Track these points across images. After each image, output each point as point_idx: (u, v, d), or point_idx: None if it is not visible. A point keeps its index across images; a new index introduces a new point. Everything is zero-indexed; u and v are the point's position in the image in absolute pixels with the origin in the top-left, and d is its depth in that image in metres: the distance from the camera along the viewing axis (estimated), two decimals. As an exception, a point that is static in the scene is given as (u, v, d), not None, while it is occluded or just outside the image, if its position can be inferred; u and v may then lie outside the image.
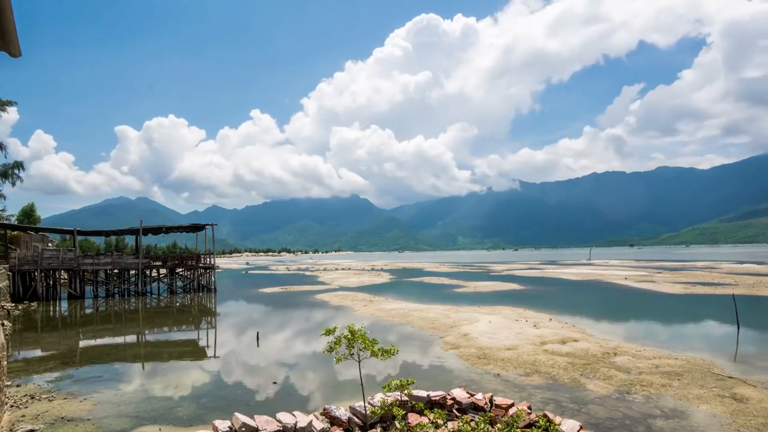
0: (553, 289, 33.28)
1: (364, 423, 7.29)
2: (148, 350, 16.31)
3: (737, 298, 19.71)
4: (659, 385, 10.14)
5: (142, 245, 37.72)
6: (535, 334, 15.63)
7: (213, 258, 37.80)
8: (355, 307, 24.49)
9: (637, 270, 52.64)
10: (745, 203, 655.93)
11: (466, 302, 25.57)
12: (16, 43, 3.97)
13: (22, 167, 45.25)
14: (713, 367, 11.55)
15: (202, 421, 8.55)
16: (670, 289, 30.76)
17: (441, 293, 32.16)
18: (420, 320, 19.46)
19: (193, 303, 30.71)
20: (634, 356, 12.67)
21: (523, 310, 21.68)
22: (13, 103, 42.67)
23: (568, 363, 12.07)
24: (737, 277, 38.87)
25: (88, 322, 23.23)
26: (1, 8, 3.54)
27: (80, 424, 8.48)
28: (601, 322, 19.03)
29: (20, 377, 11.92)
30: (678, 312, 22.62)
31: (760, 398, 9.26)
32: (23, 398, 9.89)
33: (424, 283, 42.31)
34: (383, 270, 66.11)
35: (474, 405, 8.01)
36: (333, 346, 6.85)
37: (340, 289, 35.11)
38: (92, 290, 36.23)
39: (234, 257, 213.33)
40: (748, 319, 18.12)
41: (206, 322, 22.96)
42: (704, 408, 8.82)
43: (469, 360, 12.78)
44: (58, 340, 17.69)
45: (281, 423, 6.99)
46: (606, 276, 43.99)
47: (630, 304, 25.51)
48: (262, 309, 26.68)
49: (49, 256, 32.37)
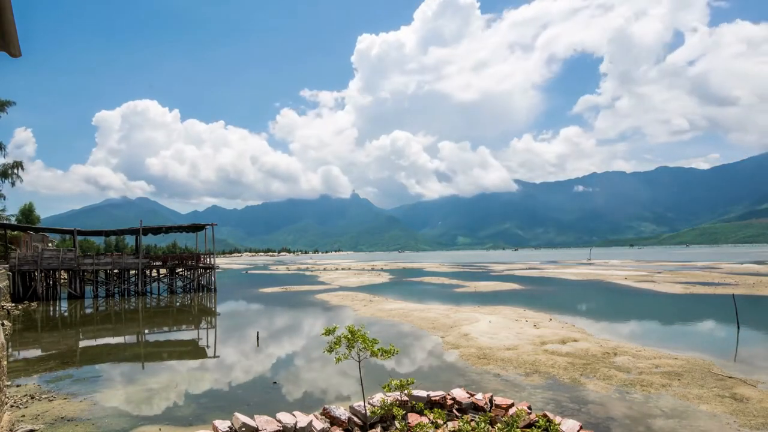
0: (553, 289, 33.28)
1: (364, 423, 7.29)
2: (148, 350, 16.31)
3: (737, 298, 19.70)
4: (659, 385, 10.14)
5: (142, 245, 37.72)
6: (535, 334, 15.63)
7: (213, 258, 37.81)
8: (355, 307, 24.49)
9: (637, 270, 52.66)
10: (745, 203, 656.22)
11: (466, 302, 25.58)
12: (16, 43, 3.98)
13: (21, 167, 45.26)
14: (713, 367, 11.55)
15: (202, 421, 8.55)
16: (670, 289, 30.76)
17: (441, 293, 32.16)
18: (420, 320, 19.46)
19: (193, 303, 30.70)
20: (634, 356, 12.67)
21: (523, 310, 21.68)
22: (12, 103, 42.68)
23: (568, 363, 12.07)
24: (737, 277, 38.89)
25: (88, 322, 23.23)
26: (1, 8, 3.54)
27: (80, 424, 8.48)
28: (601, 322, 19.04)
29: (20, 377, 11.92)
30: (678, 312, 22.61)
31: (760, 398, 9.27)
32: (23, 398, 9.89)
33: (424, 283, 42.31)
34: (383, 270, 66.14)
35: (474, 405, 8.01)
36: (333, 346, 6.85)
37: (340, 289, 35.11)
38: (92, 290, 36.21)
39: (234, 257, 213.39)
40: (748, 319, 18.12)
41: (206, 322, 22.96)
42: (704, 408, 8.82)
43: (469, 360, 12.78)
44: (58, 340, 17.68)
45: (281, 423, 6.99)
46: (606, 276, 44.00)
47: (630, 304, 25.51)
48: (262, 309, 26.67)
49: (49, 256, 32.36)
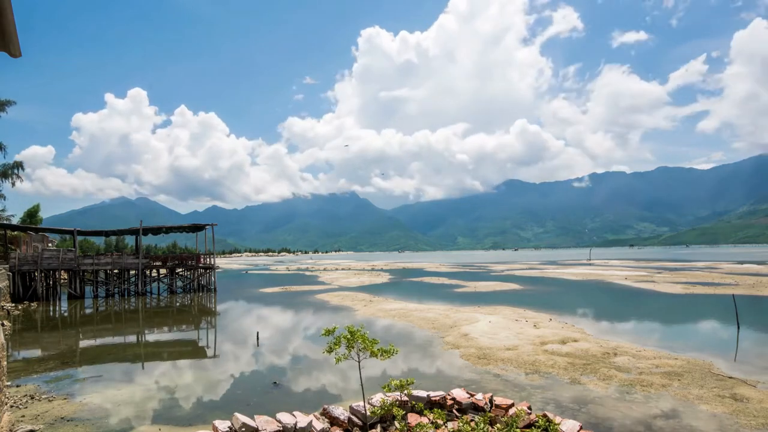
0: (553, 289, 33.28)
1: (364, 423, 7.29)
2: (148, 350, 16.31)
3: (737, 298, 19.70)
4: (659, 385, 10.14)
5: (142, 245, 37.72)
6: (535, 334, 15.63)
7: (213, 258, 37.82)
8: (356, 307, 24.48)
9: (637, 270, 52.66)
10: (745, 203, 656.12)
11: (466, 302, 25.57)
12: (16, 43, 3.98)
13: (22, 167, 45.28)
14: (713, 367, 11.56)
15: (202, 421, 8.55)
16: (670, 289, 30.76)
17: (441, 293, 32.16)
18: (420, 320, 19.46)
19: (193, 303, 30.70)
20: (634, 356, 12.67)
21: (523, 310, 21.68)
22: (12, 103, 42.69)
23: (568, 363, 12.07)
24: (737, 277, 38.90)
25: (88, 322, 23.23)
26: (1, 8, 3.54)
27: (80, 424, 8.48)
28: (601, 322, 19.03)
29: (20, 377, 11.92)
30: (678, 312, 22.61)
31: (760, 398, 9.27)
32: (23, 398, 9.89)
33: (424, 283, 42.31)
34: (383, 270, 66.14)
35: (474, 405, 8.00)
36: (333, 347, 6.84)
37: (340, 289, 35.11)
38: (92, 290, 36.22)
39: (234, 257, 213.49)
40: (748, 319, 18.14)
41: (206, 322, 22.96)
42: (704, 408, 8.82)
43: (469, 360, 12.78)
44: (58, 340, 17.68)
45: (281, 423, 6.99)
46: (606, 276, 44.01)
47: (630, 304, 25.51)
48: (262, 309, 26.66)
49: (49, 256, 32.37)
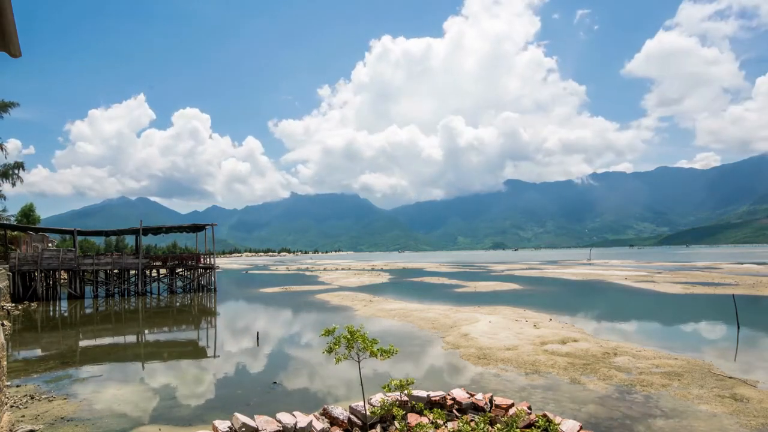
0: (553, 290, 33.28)
1: (364, 423, 7.29)
2: (148, 350, 16.31)
3: (737, 298, 19.70)
4: (659, 385, 10.14)
5: (142, 245, 37.72)
6: (535, 334, 15.63)
7: (213, 258, 37.82)
8: (356, 307, 24.48)
9: (637, 270, 52.65)
10: (745, 203, 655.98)
11: (466, 302, 25.56)
12: (16, 43, 3.97)
13: (22, 167, 45.21)
14: (713, 367, 11.55)
15: (202, 421, 8.55)
16: (670, 289, 30.76)
17: (441, 293, 32.15)
18: (420, 320, 19.46)
19: (193, 303, 30.70)
20: (634, 356, 12.67)
21: (523, 310, 21.67)
22: (16, 105, 42.65)
23: (568, 363, 12.07)
24: (737, 277, 38.89)
25: (88, 322, 23.23)
26: (1, 8, 3.54)
27: (80, 424, 8.48)
28: (601, 322, 19.03)
29: (20, 377, 11.92)
30: (678, 312, 22.60)
31: (760, 398, 9.27)
32: (23, 398, 9.89)
33: (424, 283, 42.31)
34: (383, 270, 66.14)
35: (474, 405, 8.00)
36: (332, 347, 6.83)
37: (340, 289, 35.11)
38: (92, 290, 36.23)
39: (234, 257, 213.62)
40: (748, 319, 18.12)
41: (206, 322, 22.96)
42: (704, 408, 8.82)
43: (469, 360, 12.78)
44: (58, 340, 17.68)
45: (281, 423, 6.99)
46: (606, 276, 44.00)
47: (630, 304, 25.50)
48: (262, 309, 26.67)
49: (49, 256, 32.37)
